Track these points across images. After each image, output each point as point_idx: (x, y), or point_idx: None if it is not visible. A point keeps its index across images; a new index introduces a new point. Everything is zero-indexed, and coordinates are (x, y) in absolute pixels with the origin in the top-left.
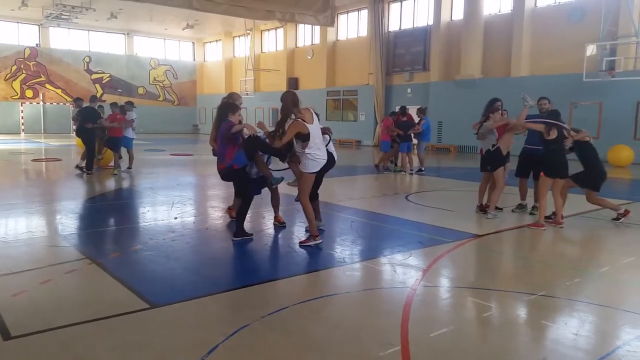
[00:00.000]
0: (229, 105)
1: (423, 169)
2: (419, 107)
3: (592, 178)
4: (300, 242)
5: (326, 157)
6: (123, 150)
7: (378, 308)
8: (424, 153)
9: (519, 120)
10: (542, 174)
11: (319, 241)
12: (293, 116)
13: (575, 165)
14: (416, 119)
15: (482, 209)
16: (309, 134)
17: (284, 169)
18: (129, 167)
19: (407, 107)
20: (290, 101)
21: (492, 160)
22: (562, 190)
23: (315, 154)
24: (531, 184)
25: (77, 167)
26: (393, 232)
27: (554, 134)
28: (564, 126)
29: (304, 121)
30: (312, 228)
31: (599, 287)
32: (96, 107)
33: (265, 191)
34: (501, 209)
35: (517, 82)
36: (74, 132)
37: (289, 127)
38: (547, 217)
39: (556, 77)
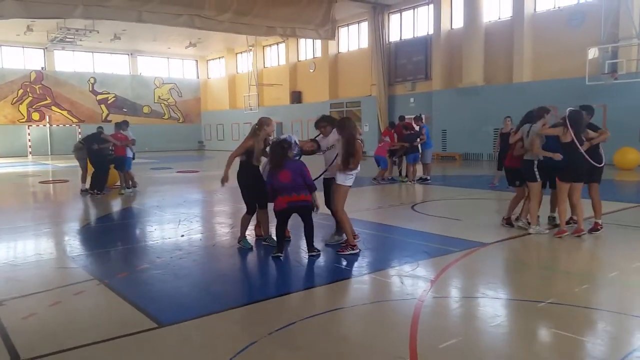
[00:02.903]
0: (283, 145)
1: (428, 178)
2: (414, 116)
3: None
4: (337, 251)
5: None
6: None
7: (386, 321)
8: (431, 161)
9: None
10: (557, 179)
11: (357, 251)
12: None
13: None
14: (415, 129)
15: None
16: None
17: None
18: (132, 186)
19: (405, 116)
20: (352, 129)
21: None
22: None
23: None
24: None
25: (83, 190)
26: (400, 243)
27: (569, 137)
28: (579, 129)
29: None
30: (350, 237)
31: (608, 293)
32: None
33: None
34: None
35: (520, 88)
36: (84, 154)
37: (357, 149)
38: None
39: (559, 82)
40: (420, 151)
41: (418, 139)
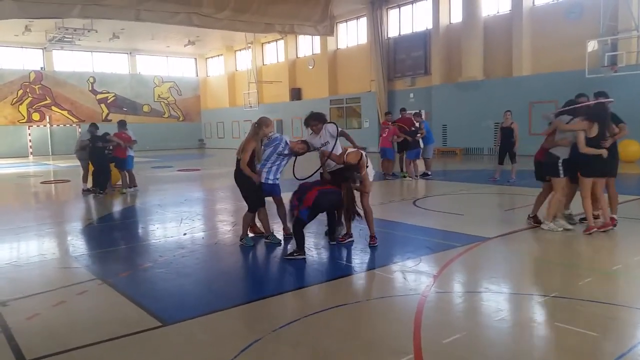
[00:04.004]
0: None
1: (429, 173)
2: (414, 112)
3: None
4: (370, 244)
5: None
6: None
7: (390, 316)
8: (432, 156)
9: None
10: (579, 174)
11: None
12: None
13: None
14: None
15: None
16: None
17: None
18: (132, 186)
19: (406, 109)
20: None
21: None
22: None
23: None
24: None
25: (85, 190)
26: (402, 239)
27: (594, 131)
28: (606, 123)
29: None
30: (371, 229)
31: (611, 286)
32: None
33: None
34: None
35: (520, 82)
36: (87, 154)
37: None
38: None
39: (558, 75)
40: (421, 147)
41: (418, 134)
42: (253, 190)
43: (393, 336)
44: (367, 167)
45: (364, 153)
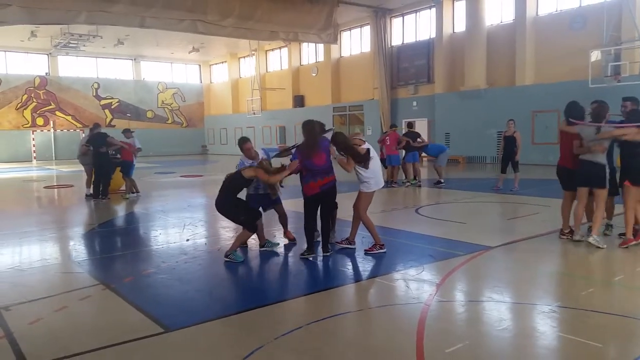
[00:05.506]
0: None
1: (442, 181)
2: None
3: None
4: (365, 250)
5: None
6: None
7: (392, 325)
8: (445, 165)
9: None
10: (626, 182)
11: (384, 250)
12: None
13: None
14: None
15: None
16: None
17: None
18: (135, 192)
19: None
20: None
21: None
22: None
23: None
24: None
25: (88, 195)
26: (405, 247)
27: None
28: None
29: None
30: (376, 238)
31: (614, 296)
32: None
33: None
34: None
35: (523, 91)
36: (90, 159)
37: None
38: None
39: (561, 85)
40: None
41: (418, 139)
42: (239, 213)
43: (396, 345)
44: (368, 153)
45: (371, 149)
